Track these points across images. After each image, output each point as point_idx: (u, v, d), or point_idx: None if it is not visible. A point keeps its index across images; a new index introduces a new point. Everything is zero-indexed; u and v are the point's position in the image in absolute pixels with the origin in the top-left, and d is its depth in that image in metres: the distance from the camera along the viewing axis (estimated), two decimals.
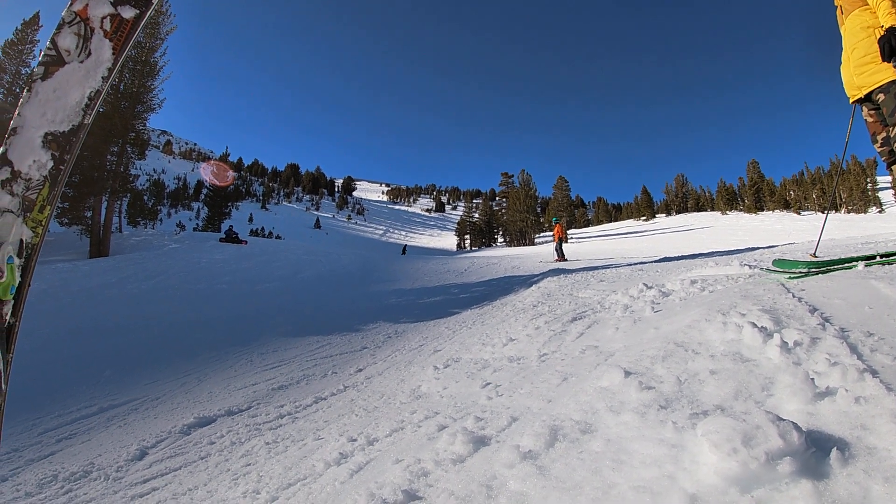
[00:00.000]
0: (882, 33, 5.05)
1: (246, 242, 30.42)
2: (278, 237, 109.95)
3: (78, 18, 1.93)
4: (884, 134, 5.49)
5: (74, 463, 4.91)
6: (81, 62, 1.92)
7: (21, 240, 1.81)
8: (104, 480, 4.51)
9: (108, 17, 1.97)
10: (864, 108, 5.68)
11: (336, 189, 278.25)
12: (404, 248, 69.29)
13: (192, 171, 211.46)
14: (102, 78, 1.97)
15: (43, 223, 1.89)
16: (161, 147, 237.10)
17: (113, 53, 1.98)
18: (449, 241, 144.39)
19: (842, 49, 5.77)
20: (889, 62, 5.02)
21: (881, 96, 5.28)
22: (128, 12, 1.99)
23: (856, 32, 5.45)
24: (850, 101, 5.81)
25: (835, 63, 5.88)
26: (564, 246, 34.15)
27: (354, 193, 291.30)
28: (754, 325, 2.73)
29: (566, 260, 27.59)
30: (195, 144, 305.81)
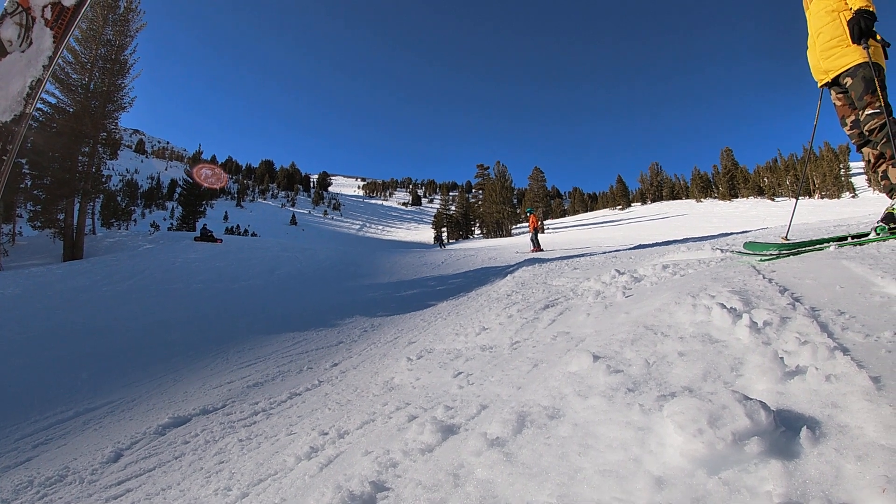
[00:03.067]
0: (850, 16, 5.08)
1: (221, 241, 30.27)
2: (254, 235, 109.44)
3: (20, 8, 1.90)
4: (853, 117, 5.52)
5: (50, 468, 4.88)
6: (23, 51, 1.90)
7: None
8: (79, 484, 4.49)
9: (49, 6, 1.95)
10: (832, 91, 5.73)
11: (311, 185, 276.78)
12: (443, 242, 63.56)
13: (166, 169, 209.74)
14: (43, 66, 1.94)
15: None
16: (133, 146, 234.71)
17: (54, 41, 1.96)
18: (426, 234, 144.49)
19: (807, 34, 5.81)
20: (859, 44, 5.06)
21: (848, 80, 5.32)
22: (68, 0, 1.96)
23: (821, 16, 5.49)
24: (818, 85, 5.85)
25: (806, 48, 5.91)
26: (541, 236, 34.40)
27: (330, 189, 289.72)
28: (723, 306, 2.71)
29: (542, 250, 27.87)
30: (168, 143, 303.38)
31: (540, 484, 1.64)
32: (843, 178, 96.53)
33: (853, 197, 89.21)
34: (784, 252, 5.17)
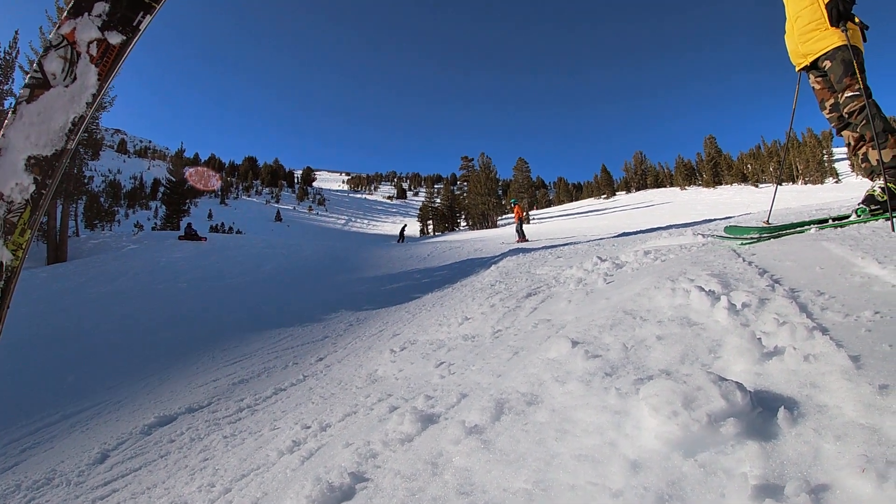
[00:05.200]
0: None
1: (205, 239, 30.19)
2: (239, 232, 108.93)
3: (65, 41, 1.91)
4: (832, 100, 5.54)
5: (37, 471, 4.91)
6: (66, 87, 1.91)
7: (0, 262, 1.79)
8: (66, 486, 4.52)
9: (95, 42, 1.95)
10: (810, 75, 5.74)
11: (295, 180, 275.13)
12: (402, 237, 53.51)
13: (148, 169, 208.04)
14: (87, 104, 1.95)
15: (23, 247, 1.88)
16: (115, 146, 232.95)
17: (98, 79, 1.96)
18: (412, 227, 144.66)
19: (785, 19, 5.82)
20: (837, 27, 5.07)
21: (827, 63, 5.33)
22: (115, 38, 1.97)
23: (799, 1, 5.50)
24: (796, 69, 5.86)
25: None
26: (526, 226, 34.48)
27: (314, 184, 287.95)
28: (702, 289, 2.72)
29: (527, 240, 27.94)
30: (150, 142, 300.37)
31: (516, 470, 1.63)
32: (826, 164, 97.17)
33: (836, 182, 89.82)
34: (765, 235, 5.20)
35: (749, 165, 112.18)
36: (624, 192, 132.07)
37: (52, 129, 1.86)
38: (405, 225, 54.76)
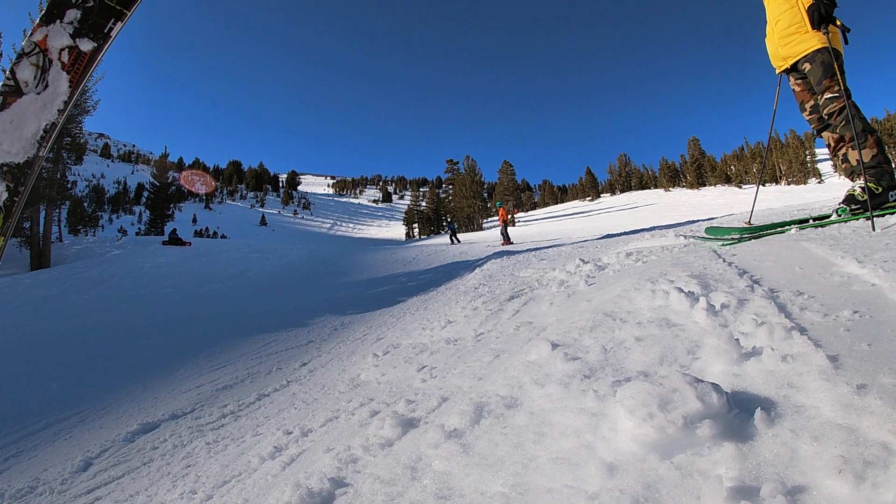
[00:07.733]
0: (810, 2, 5.14)
1: (189, 244, 30.18)
2: (223, 237, 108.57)
3: (37, 49, 1.91)
4: (812, 102, 5.61)
5: (21, 480, 4.87)
6: (38, 94, 1.91)
7: None
8: (49, 494, 4.49)
9: (67, 49, 1.95)
10: (790, 78, 5.80)
11: (280, 184, 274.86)
12: (453, 234, 43.82)
13: (132, 173, 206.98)
14: (58, 111, 1.95)
15: None
16: (99, 151, 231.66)
17: (70, 86, 1.96)
18: (398, 230, 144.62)
19: (766, 22, 5.86)
20: (818, 29, 5.11)
21: (807, 65, 5.38)
22: (86, 45, 1.96)
23: (779, 4, 5.55)
24: (777, 71, 5.91)
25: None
26: (511, 229, 34.57)
27: (299, 188, 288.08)
28: (681, 290, 2.72)
29: (512, 243, 28.12)
30: (133, 146, 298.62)
31: (495, 474, 1.63)
32: (808, 165, 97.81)
33: (819, 182, 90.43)
34: (745, 236, 5.23)
35: (732, 167, 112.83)
36: (609, 194, 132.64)
37: (25, 136, 1.85)
38: (454, 227, 49.94)
